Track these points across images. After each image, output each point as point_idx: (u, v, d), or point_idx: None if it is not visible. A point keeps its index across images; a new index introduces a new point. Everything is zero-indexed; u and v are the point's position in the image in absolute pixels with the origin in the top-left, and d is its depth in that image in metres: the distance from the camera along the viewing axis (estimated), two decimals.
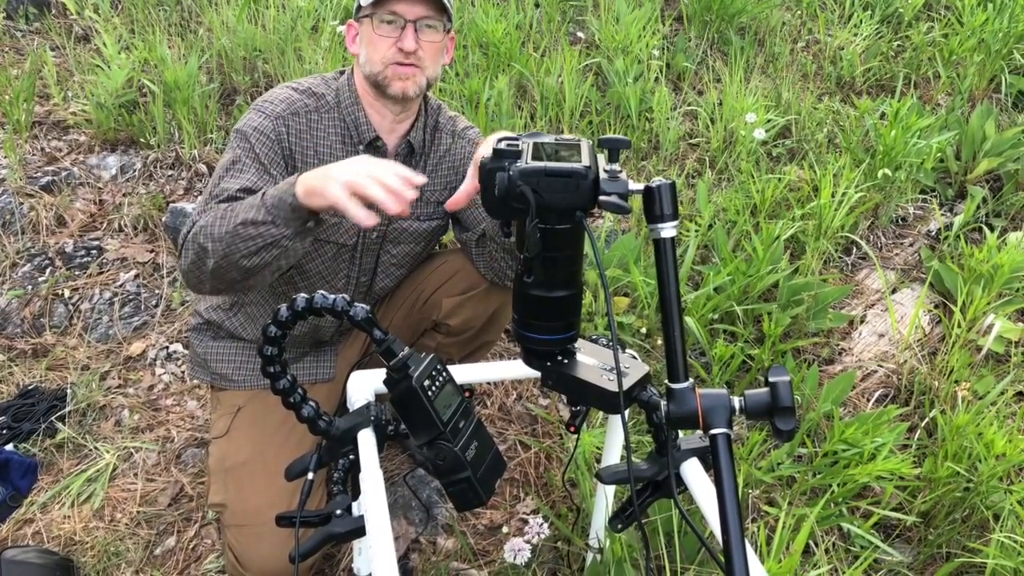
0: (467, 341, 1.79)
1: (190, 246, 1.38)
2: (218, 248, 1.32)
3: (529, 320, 1.01)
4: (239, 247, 1.30)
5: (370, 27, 1.51)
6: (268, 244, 1.30)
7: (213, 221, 1.34)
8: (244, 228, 1.29)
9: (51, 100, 3.13)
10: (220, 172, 1.51)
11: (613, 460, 1.46)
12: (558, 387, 1.03)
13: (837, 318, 2.57)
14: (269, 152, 1.51)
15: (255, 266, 1.33)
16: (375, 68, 1.52)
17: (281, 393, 1.15)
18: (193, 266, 1.38)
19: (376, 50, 1.51)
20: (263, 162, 1.50)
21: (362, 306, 1.06)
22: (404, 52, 1.50)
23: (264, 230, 1.29)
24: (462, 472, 1.09)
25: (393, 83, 1.52)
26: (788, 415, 0.90)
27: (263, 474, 1.60)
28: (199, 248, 1.35)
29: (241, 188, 1.44)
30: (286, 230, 1.29)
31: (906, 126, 2.91)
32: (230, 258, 1.32)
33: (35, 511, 1.91)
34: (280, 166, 1.53)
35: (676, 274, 0.92)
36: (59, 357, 2.31)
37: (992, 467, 1.88)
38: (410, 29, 1.50)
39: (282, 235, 1.29)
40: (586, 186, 0.90)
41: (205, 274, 1.37)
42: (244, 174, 1.47)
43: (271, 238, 1.29)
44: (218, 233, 1.32)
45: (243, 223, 1.29)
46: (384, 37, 1.50)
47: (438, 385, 1.09)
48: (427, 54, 1.53)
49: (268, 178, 1.50)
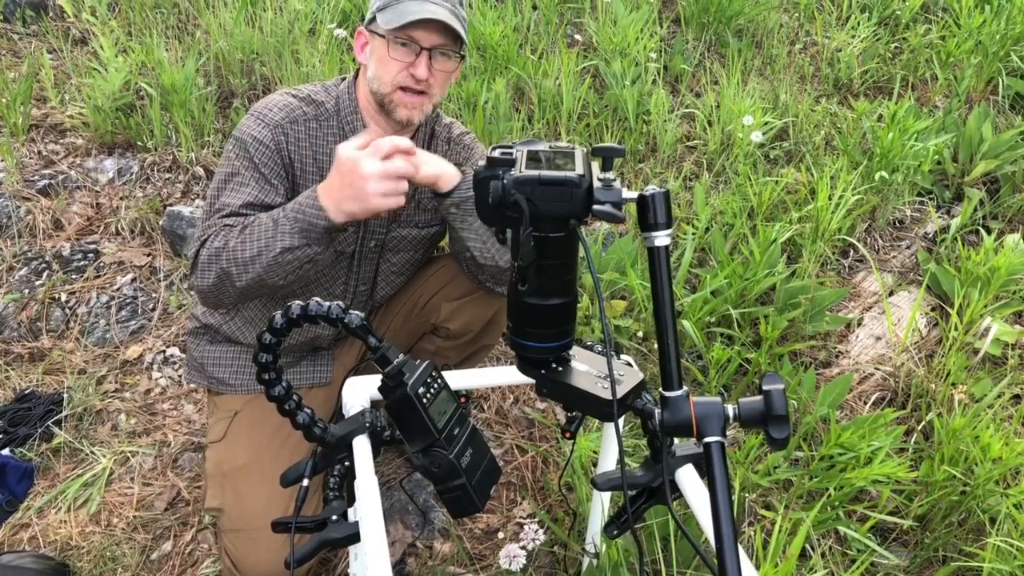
0: (466, 344, 1.79)
1: (208, 268, 1.43)
2: (249, 272, 1.40)
3: (523, 328, 1.01)
4: (276, 272, 1.40)
5: (384, 47, 1.50)
6: (306, 263, 1.41)
7: (235, 245, 1.40)
8: (283, 255, 1.38)
9: (48, 103, 3.12)
10: (219, 182, 1.52)
11: (610, 465, 1.46)
12: (553, 395, 1.03)
13: (834, 321, 2.57)
14: (268, 162, 1.52)
15: (290, 283, 1.44)
16: (383, 88, 1.52)
17: (276, 400, 1.15)
18: (215, 288, 1.45)
19: (387, 70, 1.51)
20: (263, 172, 1.51)
21: (357, 313, 1.06)
22: (415, 79, 1.50)
23: (300, 253, 1.39)
24: (457, 479, 1.08)
25: (399, 109, 1.52)
26: (782, 423, 0.90)
27: (260, 479, 1.60)
28: (221, 272, 1.41)
29: (245, 203, 1.48)
30: (319, 248, 1.40)
31: (903, 129, 2.91)
32: (265, 280, 1.41)
33: (31, 516, 1.91)
34: (280, 175, 1.54)
35: (670, 282, 0.92)
36: (56, 361, 2.31)
37: (988, 470, 1.88)
38: (424, 57, 1.49)
39: (316, 253, 1.40)
40: (580, 195, 0.90)
41: (230, 295, 1.46)
42: (245, 187, 1.50)
43: (307, 258, 1.40)
44: (243, 257, 1.39)
45: (282, 251, 1.38)
46: (397, 60, 1.50)
47: (433, 392, 1.09)
48: (437, 81, 1.53)
49: (269, 188, 1.51)
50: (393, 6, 1.50)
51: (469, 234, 1.54)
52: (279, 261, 1.38)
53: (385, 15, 1.49)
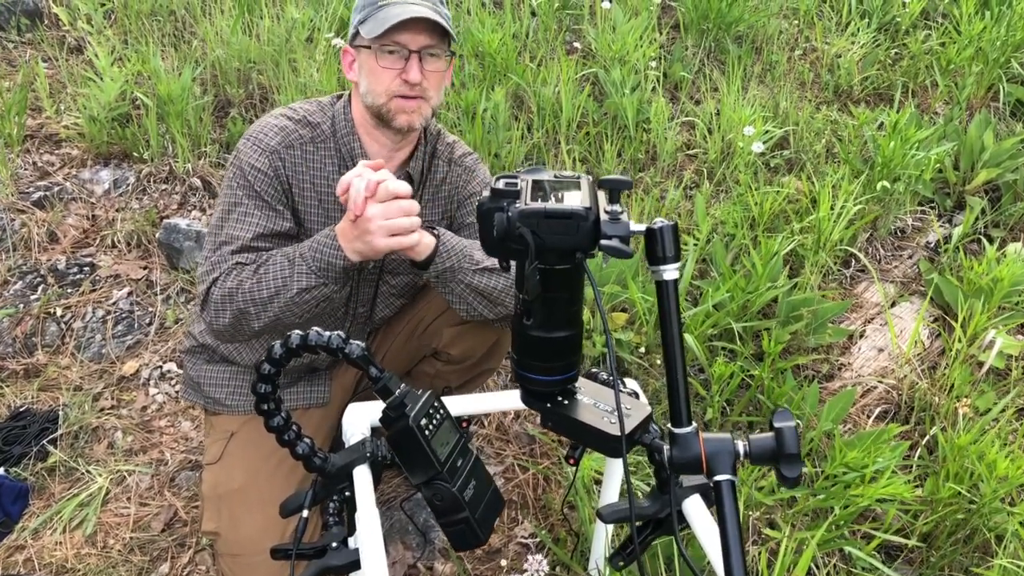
0: (467, 369, 1.77)
1: (223, 308, 1.42)
2: (267, 312, 1.40)
3: (528, 361, 0.99)
4: (293, 311, 1.41)
5: (372, 58, 1.47)
6: (322, 302, 1.42)
7: (251, 287, 1.39)
8: (301, 296, 1.39)
9: (43, 113, 3.10)
10: (222, 212, 1.50)
11: (612, 494, 1.44)
12: (558, 429, 1.01)
13: (836, 333, 2.55)
14: (269, 188, 1.50)
15: (309, 320, 1.42)
16: (378, 100, 1.49)
17: (275, 431, 1.13)
18: (231, 328, 1.45)
19: (379, 81, 1.48)
20: (266, 200, 1.50)
21: (358, 343, 1.04)
22: (409, 84, 1.47)
23: (318, 292, 1.40)
24: (460, 513, 1.06)
25: (398, 117, 1.49)
26: (794, 461, 0.88)
27: (257, 502, 1.57)
28: (238, 312, 1.41)
29: (255, 235, 1.47)
30: (335, 286, 1.41)
31: (905, 138, 2.89)
32: (282, 320, 1.42)
33: (26, 537, 1.88)
34: (282, 201, 1.52)
35: (679, 316, 0.90)
36: (51, 377, 2.28)
37: (994, 488, 1.87)
38: (414, 60, 1.46)
39: (333, 291, 1.42)
40: (587, 227, 0.88)
41: (246, 334, 1.46)
42: (251, 218, 1.49)
43: (324, 297, 1.41)
44: (261, 298, 1.39)
45: (299, 291, 1.38)
46: (387, 69, 1.46)
47: (435, 423, 1.07)
48: (431, 84, 1.50)
49: (275, 215, 1.50)
50: (373, 15, 1.46)
51: (452, 298, 1.54)
52: (296, 301, 1.39)
53: (367, 26, 1.47)
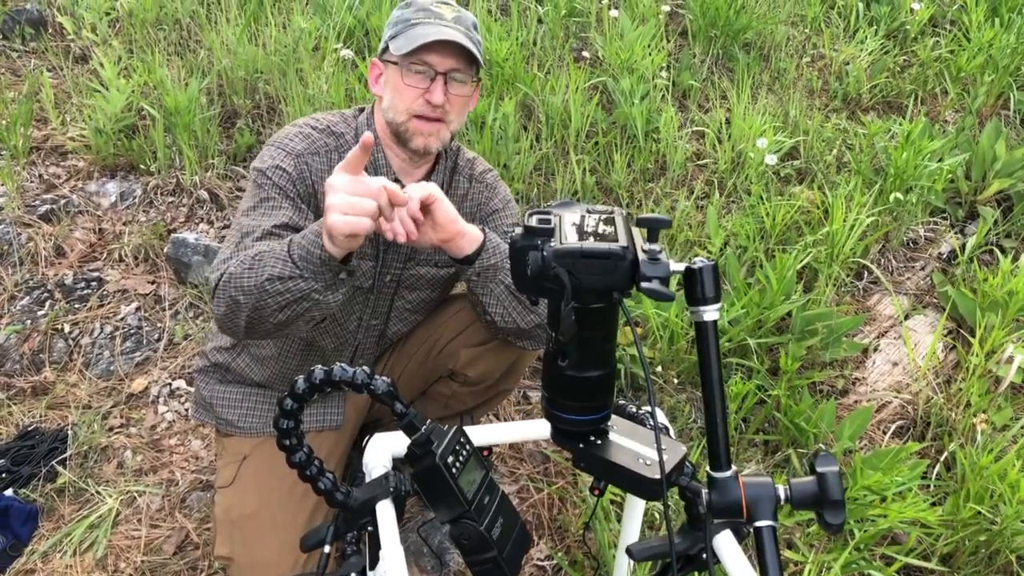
0: (484, 390, 1.75)
1: (222, 296, 1.32)
2: (249, 302, 1.27)
3: (561, 400, 0.96)
4: (267, 303, 1.26)
5: (398, 74, 1.46)
6: (298, 299, 1.26)
7: (243, 272, 1.28)
8: (271, 284, 1.24)
9: (49, 124, 3.07)
10: (246, 210, 1.44)
11: (635, 520, 1.42)
12: (592, 470, 0.99)
13: (851, 347, 2.53)
14: (292, 187, 1.46)
15: (286, 320, 1.29)
16: (398, 117, 1.48)
17: (297, 467, 1.10)
18: (227, 318, 1.34)
19: (402, 99, 1.47)
20: (290, 196, 1.45)
21: (383, 379, 1.02)
22: (431, 105, 1.45)
23: (292, 284, 1.24)
24: (488, 552, 1.04)
25: (415, 138, 1.48)
26: (838, 508, 0.86)
27: (270, 527, 1.55)
28: (231, 301, 1.30)
29: (279, 224, 1.39)
30: (315, 283, 1.24)
31: (918, 150, 2.87)
32: (261, 312, 1.28)
33: (36, 560, 1.85)
34: (307, 202, 1.48)
35: (719, 358, 0.88)
36: (59, 395, 2.25)
37: (1016, 510, 1.84)
38: (439, 81, 1.45)
39: (311, 289, 1.24)
40: (624, 267, 0.85)
41: (240, 327, 1.33)
42: (279, 210, 1.42)
43: (299, 292, 1.25)
44: (247, 285, 1.27)
45: (269, 279, 1.24)
46: (412, 87, 1.46)
47: (462, 460, 1.05)
48: (454, 107, 1.49)
49: (298, 212, 1.44)
50: (405, 32, 1.46)
51: (490, 299, 1.49)
52: (267, 290, 1.25)
53: (397, 42, 1.46)
